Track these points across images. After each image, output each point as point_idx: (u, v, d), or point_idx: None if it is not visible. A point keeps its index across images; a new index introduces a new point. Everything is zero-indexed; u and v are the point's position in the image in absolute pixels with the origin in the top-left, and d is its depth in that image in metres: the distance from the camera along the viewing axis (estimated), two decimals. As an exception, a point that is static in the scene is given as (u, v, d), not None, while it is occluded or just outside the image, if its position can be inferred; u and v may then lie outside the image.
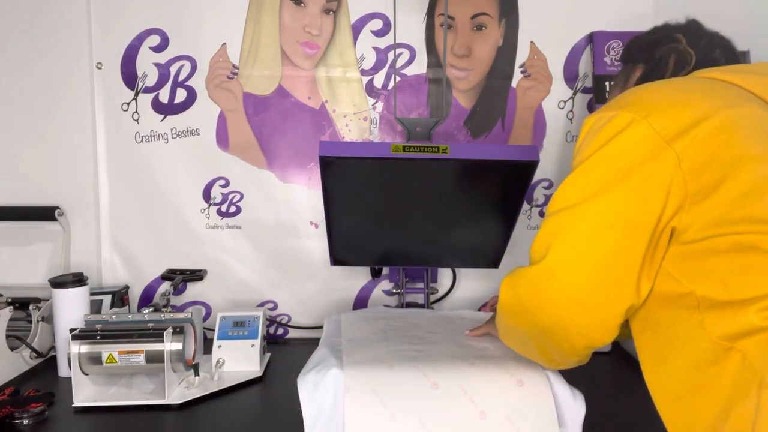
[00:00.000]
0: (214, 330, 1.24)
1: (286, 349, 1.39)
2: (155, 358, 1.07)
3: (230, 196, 1.45)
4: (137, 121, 1.43)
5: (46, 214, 1.40)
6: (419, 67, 1.43)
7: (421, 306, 1.41)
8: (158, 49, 1.41)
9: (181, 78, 1.42)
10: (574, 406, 0.89)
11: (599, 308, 0.70)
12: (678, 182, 0.66)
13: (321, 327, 1.19)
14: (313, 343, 1.10)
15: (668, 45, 0.88)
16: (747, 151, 0.65)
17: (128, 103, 1.42)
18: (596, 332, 0.71)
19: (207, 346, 1.26)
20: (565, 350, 0.75)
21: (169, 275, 1.39)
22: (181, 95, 1.42)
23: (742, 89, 0.73)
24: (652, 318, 0.71)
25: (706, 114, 0.67)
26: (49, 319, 1.26)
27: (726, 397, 0.61)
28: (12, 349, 1.19)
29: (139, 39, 1.41)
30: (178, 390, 1.11)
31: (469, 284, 1.49)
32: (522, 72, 1.44)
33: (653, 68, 0.89)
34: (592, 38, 1.42)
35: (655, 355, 0.71)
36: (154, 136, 1.43)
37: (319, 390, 0.88)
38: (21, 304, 1.25)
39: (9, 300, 1.26)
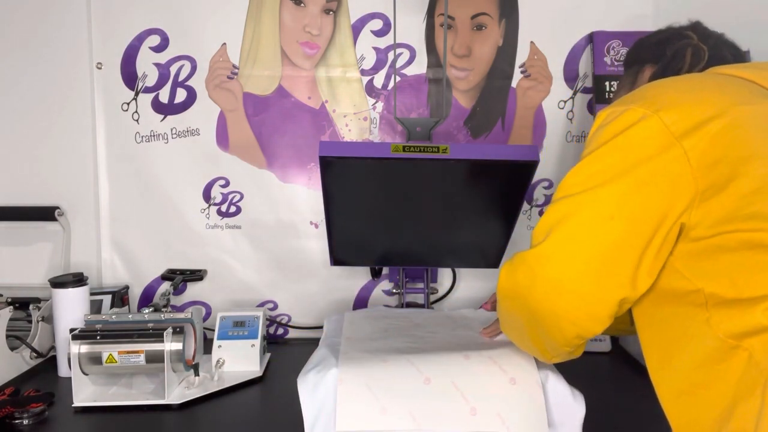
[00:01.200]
0: (214, 330, 1.24)
1: (286, 349, 1.39)
2: (155, 358, 1.07)
3: (230, 196, 1.45)
4: (137, 121, 1.43)
5: (46, 214, 1.40)
6: (419, 67, 1.43)
7: (422, 306, 1.41)
8: (158, 49, 1.41)
9: (181, 78, 1.42)
10: (574, 405, 0.89)
11: (592, 297, 0.70)
12: (687, 179, 0.66)
13: (321, 327, 1.19)
14: (313, 343, 1.10)
15: (681, 41, 0.88)
16: (758, 148, 0.65)
17: (128, 103, 1.42)
18: (587, 321, 0.71)
19: (207, 346, 1.26)
20: (556, 339, 0.75)
21: (169, 275, 1.39)
22: (181, 95, 1.42)
23: (756, 85, 0.73)
24: (659, 314, 0.71)
25: (718, 111, 0.67)
26: (49, 319, 1.26)
27: (731, 394, 0.62)
28: (12, 349, 1.19)
29: (139, 39, 1.41)
30: (178, 390, 1.11)
31: (469, 284, 1.49)
32: (522, 72, 1.44)
33: (669, 63, 0.88)
34: (592, 38, 1.42)
35: (660, 351, 0.72)
36: (154, 136, 1.43)
37: (319, 390, 0.88)
38: (21, 304, 1.25)
39: (9, 300, 1.26)
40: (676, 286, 0.69)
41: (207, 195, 1.45)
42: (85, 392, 1.09)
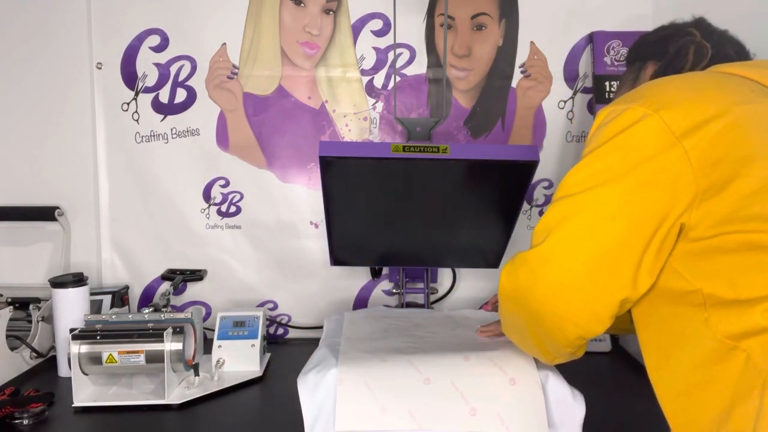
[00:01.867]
0: (214, 330, 1.24)
1: (286, 349, 1.39)
2: (155, 358, 1.07)
3: (230, 196, 1.45)
4: (137, 121, 1.43)
5: (46, 214, 1.40)
6: (419, 67, 1.43)
7: (422, 306, 1.41)
8: (158, 49, 1.41)
9: (181, 78, 1.42)
10: (574, 405, 0.89)
11: (593, 298, 0.69)
12: (688, 178, 0.65)
13: (321, 327, 1.19)
14: (313, 343, 1.10)
15: (684, 38, 0.87)
16: (759, 148, 0.65)
17: (128, 103, 1.42)
18: (589, 322, 0.71)
19: (207, 346, 1.26)
20: (558, 339, 0.75)
21: (169, 275, 1.39)
22: (181, 95, 1.42)
23: (758, 84, 0.73)
24: (657, 314, 0.71)
25: (719, 110, 0.66)
26: (49, 319, 1.26)
27: (729, 395, 0.62)
28: (12, 349, 1.19)
29: (139, 39, 1.41)
30: (178, 390, 1.11)
31: (469, 284, 1.49)
32: (522, 72, 1.44)
33: (671, 61, 0.87)
34: (592, 38, 1.42)
35: (659, 351, 0.71)
36: (154, 136, 1.43)
37: (319, 390, 0.88)
38: (21, 304, 1.25)
39: (9, 300, 1.26)
40: (674, 286, 0.69)
41: (207, 195, 1.45)
42: (85, 392, 1.09)
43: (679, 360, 0.68)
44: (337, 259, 1.33)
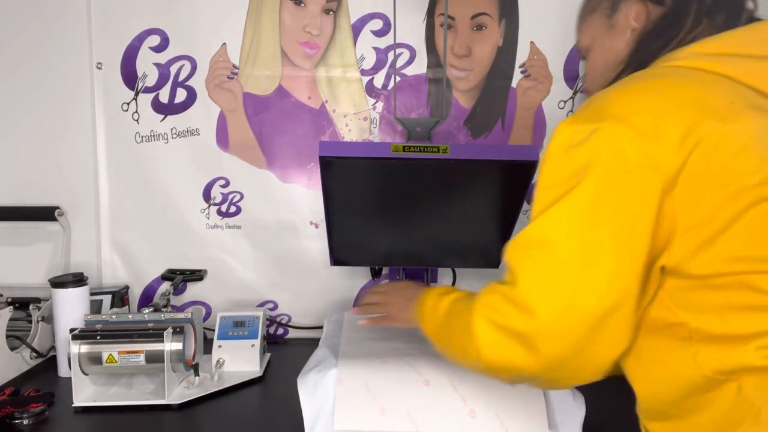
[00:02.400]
0: (214, 330, 1.24)
1: (286, 349, 1.39)
2: (155, 358, 1.07)
3: (230, 196, 1.45)
4: (137, 121, 1.43)
5: (46, 214, 1.40)
6: (419, 67, 1.43)
7: (421, 306, 1.41)
8: (158, 49, 1.41)
9: (181, 78, 1.42)
10: (574, 406, 0.89)
11: (599, 358, 0.64)
12: (668, 215, 0.61)
13: (321, 327, 1.19)
14: (313, 343, 1.11)
15: None
16: (745, 180, 0.60)
17: (128, 103, 1.42)
18: (593, 375, 0.67)
19: (207, 346, 1.26)
20: (550, 388, 0.75)
21: (169, 275, 1.39)
22: (181, 95, 1.42)
23: (741, 86, 0.66)
24: (640, 343, 0.68)
25: (699, 132, 0.60)
26: (49, 319, 1.26)
27: (719, 423, 0.61)
28: (12, 349, 1.19)
29: (139, 39, 1.41)
30: (178, 390, 1.11)
31: (469, 284, 1.49)
32: (522, 72, 1.43)
33: (666, 26, 0.74)
34: (592, 38, 1.41)
35: (645, 380, 0.70)
36: (154, 136, 1.43)
37: (319, 390, 0.88)
38: (21, 304, 1.25)
39: (9, 300, 1.26)
40: (657, 315, 0.66)
41: (207, 195, 1.45)
42: (85, 392, 1.09)
43: (666, 392, 0.66)
44: (337, 259, 1.33)
